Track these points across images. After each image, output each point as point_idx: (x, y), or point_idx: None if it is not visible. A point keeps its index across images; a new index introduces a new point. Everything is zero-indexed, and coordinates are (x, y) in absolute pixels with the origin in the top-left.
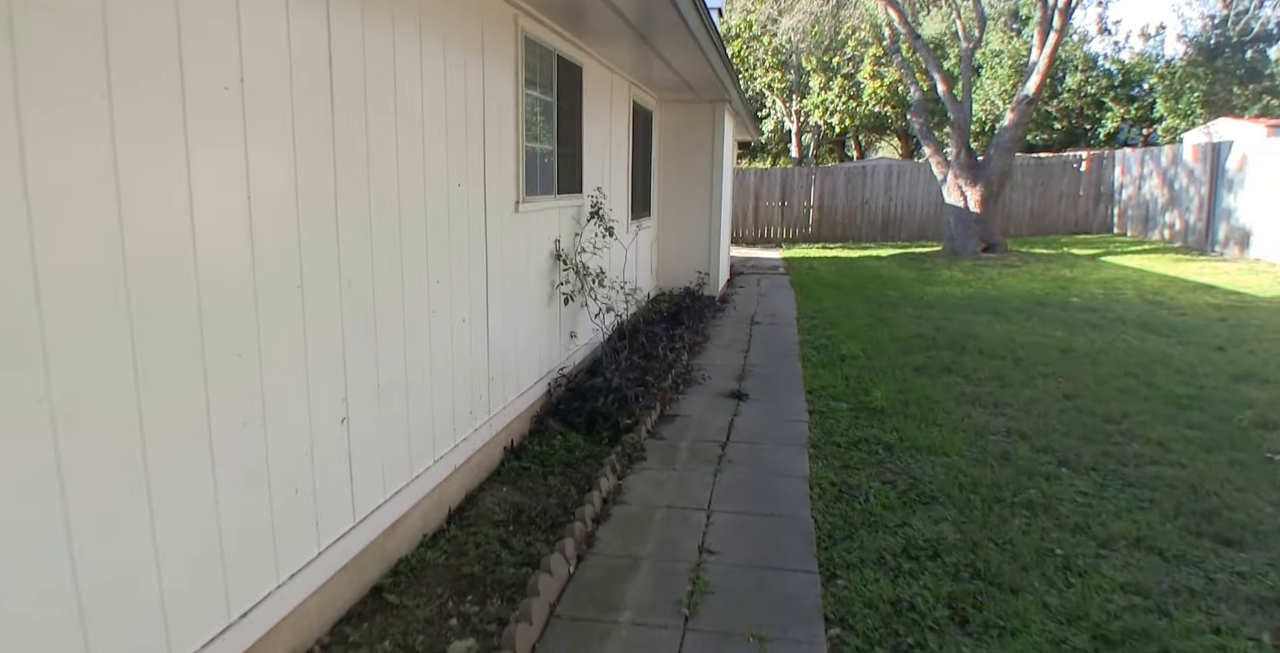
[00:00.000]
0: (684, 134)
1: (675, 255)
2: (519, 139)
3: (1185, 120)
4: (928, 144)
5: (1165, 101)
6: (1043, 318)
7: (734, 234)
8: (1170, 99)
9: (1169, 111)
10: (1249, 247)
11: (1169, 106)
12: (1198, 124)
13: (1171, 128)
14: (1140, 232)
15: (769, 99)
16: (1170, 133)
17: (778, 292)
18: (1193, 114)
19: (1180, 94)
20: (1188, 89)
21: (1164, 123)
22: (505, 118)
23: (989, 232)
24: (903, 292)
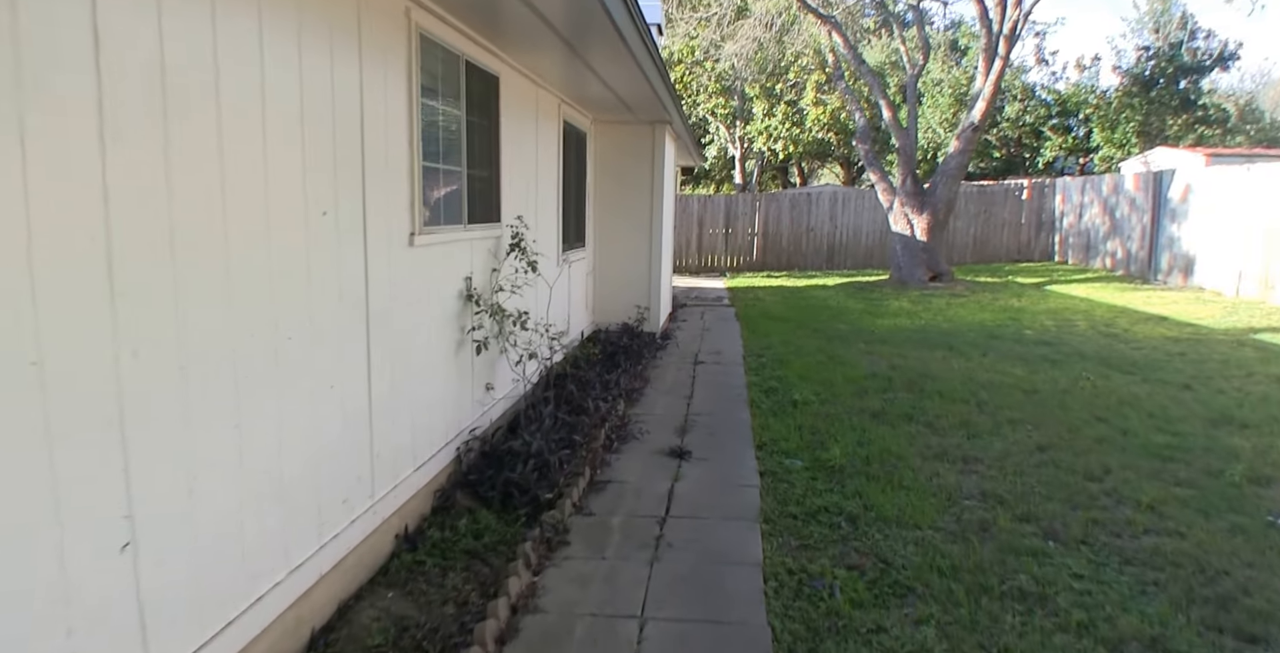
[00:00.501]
0: (622, 157)
1: (613, 289)
2: (414, 157)
3: (1121, 150)
4: (873, 171)
5: (1101, 131)
6: (999, 353)
7: (677, 263)
8: (1106, 129)
9: (1105, 141)
10: (1192, 275)
11: (1105, 136)
12: (1133, 153)
13: (1108, 157)
14: (1082, 260)
15: (712, 125)
16: (1106, 162)
17: (723, 326)
18: (1128, 143)
19: (1116, 124)
20: (1123, 119)
21: (1100, 152)
22: (394, 130)
23: (936, 260)
24: (853, 325)
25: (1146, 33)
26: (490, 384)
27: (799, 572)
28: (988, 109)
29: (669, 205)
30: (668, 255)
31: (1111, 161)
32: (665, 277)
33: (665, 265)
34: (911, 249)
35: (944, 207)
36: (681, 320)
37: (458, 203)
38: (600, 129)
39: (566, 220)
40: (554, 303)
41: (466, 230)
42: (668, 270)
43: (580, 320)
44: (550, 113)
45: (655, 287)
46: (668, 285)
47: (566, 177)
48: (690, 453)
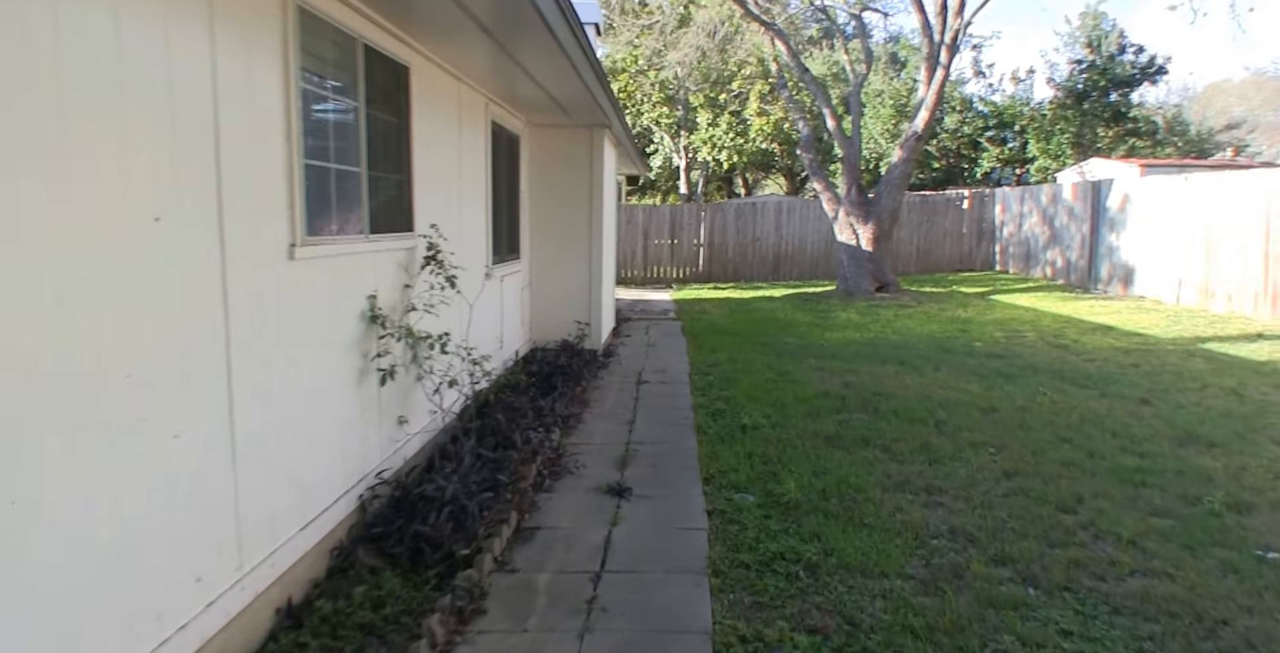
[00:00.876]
0: (559, 163)
1: (551, 304)
2: (292, 154)
3: (1056, 160)
4: (818, 180)
5: (1037, 142)
6: (952, 367)
7: (622, 275)
8: (1041, 140)
9: (1040, 152)
10: (1132, 284)
11: (1040, 147)
12: (1068, 164)
13: (1044, 168)
14: (1023, 269)
15: (657, 134)
16: (1042, 172)
17: (668, 341)
18: (1063, 154)
19: (1051, 135)
20: (1058, 130)
21: (1036, 163)
22: (264, 120)
23: (882, 271)
24: (802, 339)
25: (1079, 47)
26: (404, 417)
27: (753, 640)
28: (931, 117)
29: (610, 215)
30: (610, 268)
31: (1047, 172)
32: (607, 290)
33: (607, 278)
34: (857, 260)
35: (889, 216)
36: (625, 336)
37: (357, 209)
38: (535, 133)
39: (498, 230)
40: (481, 322)
41: (369, 241)
42: (610, 284)
43: (515, 338)
44: (476, 112)
45: (596, 301)
46: (610, 299)
47: (497, 182)
48: (630, 490)
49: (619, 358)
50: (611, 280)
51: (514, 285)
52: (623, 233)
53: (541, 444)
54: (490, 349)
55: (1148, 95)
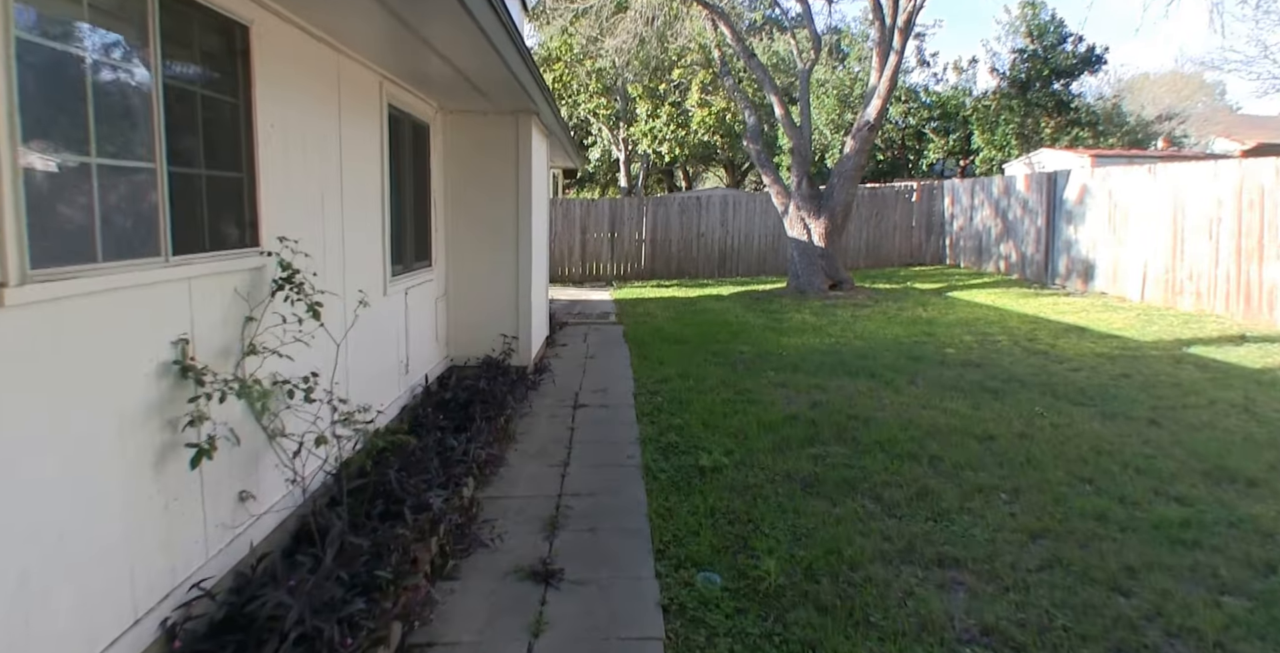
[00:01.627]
0: (479, 155)
1: (472, 316)
2: None
3: (1001, 151)
4: (766, 173)
5: (982, 133)
6: (929, 380)
7: (559, 273)
8: (986, 131)
9: (985, 143)
10: (1092, 280)
11: (985, 138)
12: (1013, 155)
13: (989, 159)
14: (975, 263)
15: (595, 126)
16: (987, 163)
17: (610, 351)
18: (1008, 145)
19: (995, 126)
20: (1002, 121)
21: (981, 154)
22: None
23: (835, 267)
24: (757, 346)
25: (1019, 36)
26: (248, 492)
27: None
28: (884, 106)
29: (540, 212)
30: (541, 271)
31: (992, 163)
32: (538, 297)
33: (538, 283)
34: (809, 256)
35: (841, 210)
36: (561, 345)
37: (148, 222)
38: (451, 121)
39: (399, 236)
40: (374, 348)
41: (171, 267)
42: (542, 289)
43: (427, 360)
44: (365, 93)
45: (525, 310)
46: (542, 306)
47: (399, 179)
48: (561, 573)
49: (553, 375)
50: (544, 284)
51: (424, 298)
52: (559, 228)
53: (444, 513)
54: (387, 382)
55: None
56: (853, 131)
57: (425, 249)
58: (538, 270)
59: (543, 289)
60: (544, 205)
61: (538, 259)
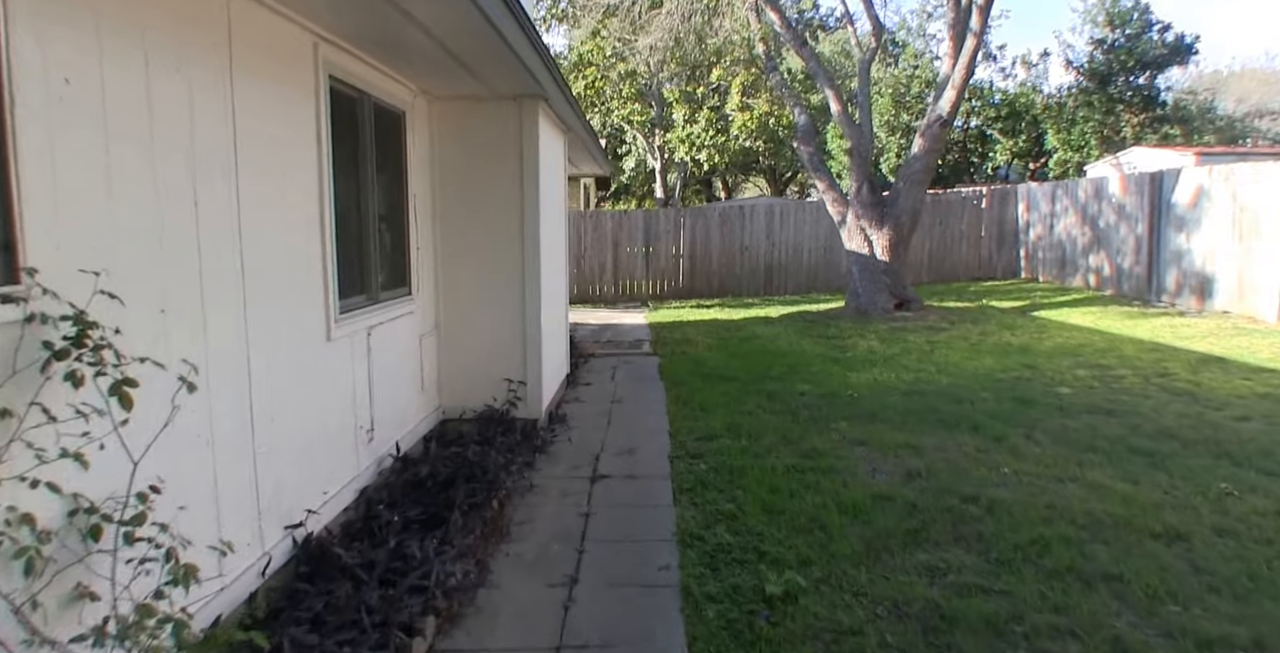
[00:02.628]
0: (473, 152)
1: (468, 355)
2: None
3: (1079, 153)
4: (820, 178)
5: (1056, 133)
6: (1052, 436)
7: (590, 292)
8: (1061, 130)
9: (1061, 143)
10: (1210, 296)
11: (1061, 138)
12: (1093, 156)
13: (1064, 161)
14: (1056, 277)
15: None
16: (1062, 166)
17: (642, 392)
18: (1086, 146)
19: (1073, 124)
20: (1080, 118)
21: (1055, 156)
22: None
23: (900, 284)
24: (820, 384)
25: (1098, 26)
26: None
27: None
28: (958, 98)
29: (557, 224)
30: (557, 298)
31: (1068, 165)
32: (553, 329)
33: (552, 312)
34: (871, 272)
35: (908, 219)
36: (583, 385)
37: None
38: (438, 110)
39: (354, 258)
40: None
41: None
42: (558, 318)
43: (405, 416)
44: (285, 55)
45: (534, 348)
46: (559, 339)
47: (355, 179)
48: None
49: (569, 428)
50: (561, 313)
51: (400, 336)
52: (588, 243)
53: None
54: (333, 459)
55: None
56: (922, 128)
57: (400, 274)
58: (552, 297)
59: (560, 319)
60: (561, 216)
61: (552, 283)
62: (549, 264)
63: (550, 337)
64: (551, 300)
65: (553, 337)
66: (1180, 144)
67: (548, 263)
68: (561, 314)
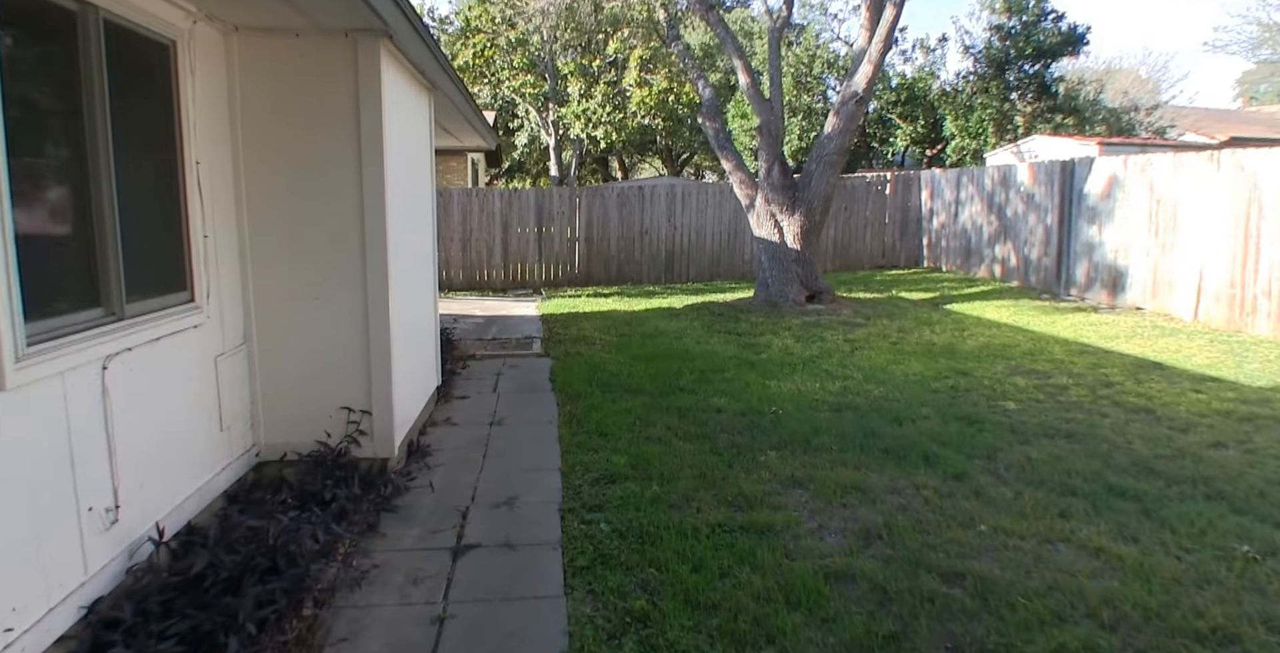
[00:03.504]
0: (292, 108)
1: (291, 376)
2: None
3: (975, 140)
4: (728, 158)
5: (954, 119)
6: (1020, 474)
7: (477, 278)
8: (960, 117)
9: (959, 130)
10: (1123, 291)
11: (959, 125)
12: (989, 144)
13: (961, 148)
14: (960, 267)
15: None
16: (959, 153)
17: (528, 410)
18: (984, 133)
19: (970, 111)
20: (978, 105)
21: (953, 142)
22: None
23: (812, 275)
24: (739, 397)
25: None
26: None
27: None
28: (875, 73)
29: (418, 203)
30: (417, 295)
31: (964, 153)
32: (411, 339)
33: (411, 316)
34: (782, 261)
35: (820, 204)
36: (458, 399)
37: None
38: (238, 48)
39: (53, 250)
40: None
41: None
42: (420, 322)
43: (196, 469)
44: None
45: (383, 367)
46: (420, 351)
47: (69, 139)
48: None
49: (431, 468)
50: (425, 314)
51: (175, 361)
52: (475, 224)
53: None
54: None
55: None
56: (836, 106)
57: (174, 274)
58: (411, 295)
59: (423, 321)
60: (426, 194)
61: (410, 278)
62: (404, 254)
63: (408, 347)
64: (410, 300)
65: (412, 346)
66: (1072, 134)
67: (402, 252)
68: (425, 315)
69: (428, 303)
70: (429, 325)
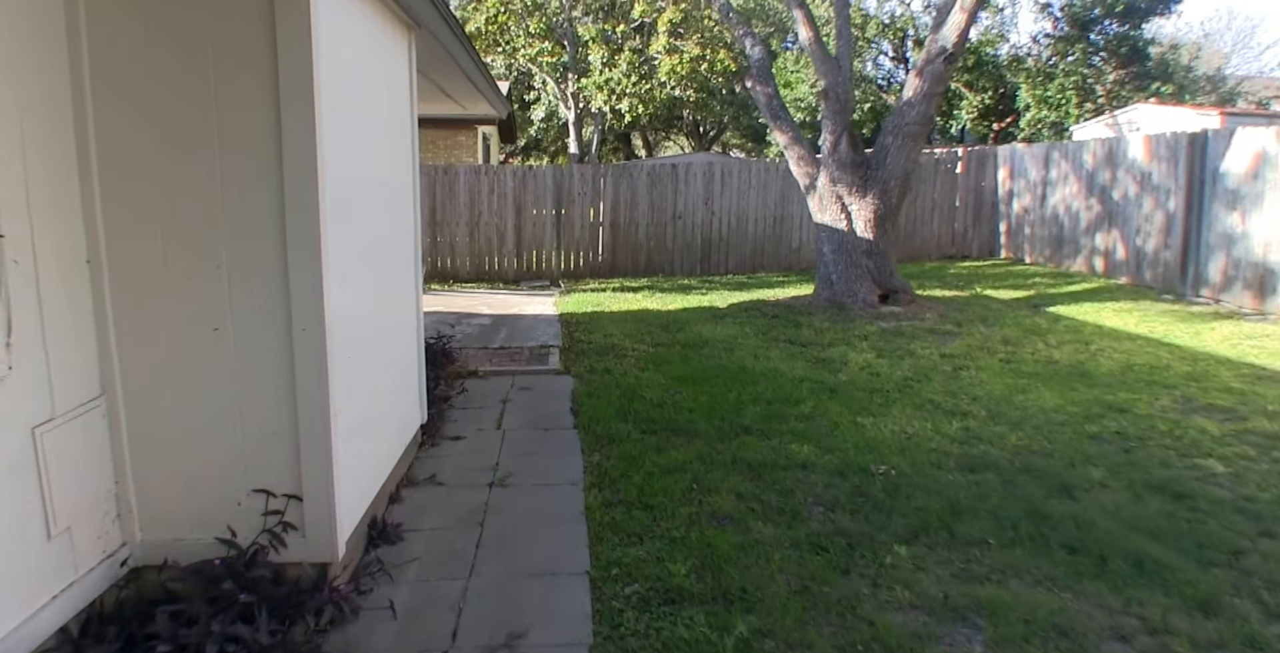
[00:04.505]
0: (173, 36)
1: (182, 443)
2: None
3: (1056, 111)
4: (782, 129)
5: (1031, 88)
6: None
7: (486, 267)
8: (1037, 85)
9: (1036, 100)
10: (1274, 293)
11: (1036, 94)
12: (1072, 116)
13: (1038, 120)
14: (1049, 259)
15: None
16: (1035, 126)
17: (541, 462)
18: (1065, 104)
19: (1051, 77)
20: (1060, 72)
21: (1029, 114)
22: None
23: (887, 270)
24: (825, 444)
25: None
26: None
27: None
28: (969, 24)
29: (378, 189)
30: (386, 309)
31: (1041, 125)
32: (370, 378)
33: (373, 342)
34: (850, 253)
35: (897, 185)
36: (449, 441)
37: None
38: None
39: None
40: None
41: None
42: (392, 345)
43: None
44: None
45: (317, 428)
46: (388, 388)
47: None
48: None
49: (394, 572)
50: (400, 335)
51: None
52: (485, 206)
53: None
54: None
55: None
56: (919, 65)
57: None
58: (368, 314)
59: (398, 343)
60: (401, 170)
61: (365, 290)
62: (357, 256)
63: (367, 387)
64: (370, 318)
65: (376, 382)
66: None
67: (352, 255)
68: (400, 333)
69: (404, 316)
70: (406, 346)
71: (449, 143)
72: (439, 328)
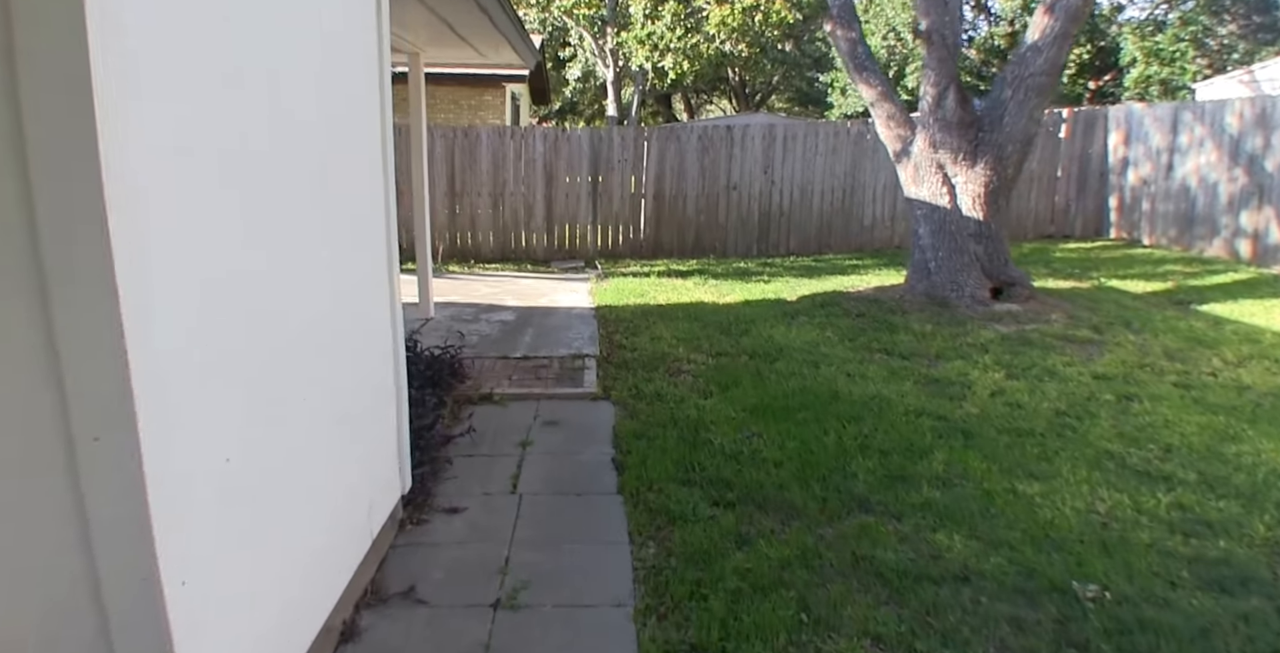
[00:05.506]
0: None
1: None
2: None
3: (1169, 66)
4: (868, 82)
5: (1140, 41)
6: None
7: (511, 245)
8: (1145, 37)
9: (1144, 55)
10: None
11: (1144, 47)
12: (1186, 73)
13: (1145, 77)
14: (1175, 240)
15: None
16: (1141, 85)
17: (570, 561)
18: (1180, 58)
19: (1163, 28)
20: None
21: (1134, 71)
22: None
23: (1000, 257)
24: (987, 538)
25: None
26: None
27: None
28: None
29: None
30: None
31: (1148, 83)
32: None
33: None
34: (954, 235)
35: (1017, 151)
36: (442, 513)
37: None
38: None
39: None
40: None
41: None
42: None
43: None
44: None
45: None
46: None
47: None
48: None
49: None
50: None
51: None
52: (510, 175)
53: None
54: None
55: None
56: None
57: None
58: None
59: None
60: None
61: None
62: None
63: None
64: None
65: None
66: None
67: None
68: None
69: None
70: (374, 381)
71: (473, 103)
72: (451, 329)
